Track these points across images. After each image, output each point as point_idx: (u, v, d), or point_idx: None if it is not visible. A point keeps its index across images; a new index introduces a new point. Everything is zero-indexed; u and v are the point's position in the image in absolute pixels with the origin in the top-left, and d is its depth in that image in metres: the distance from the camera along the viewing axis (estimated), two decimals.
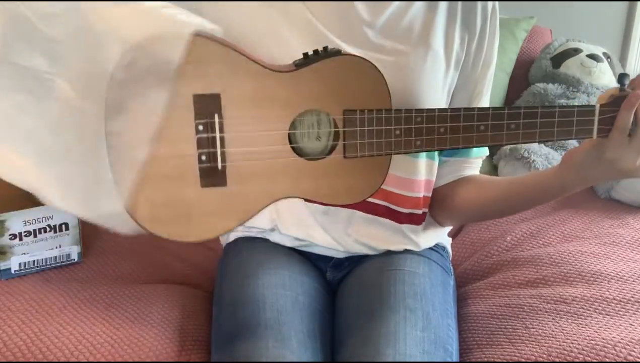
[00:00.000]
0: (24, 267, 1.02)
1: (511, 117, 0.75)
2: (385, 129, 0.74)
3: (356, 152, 0.74)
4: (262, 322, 0.81)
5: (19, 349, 0.81)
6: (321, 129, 0.75)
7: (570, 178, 0.81)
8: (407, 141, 0.74)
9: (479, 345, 0.91)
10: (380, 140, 0.74)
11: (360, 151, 0.74)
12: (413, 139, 0.74)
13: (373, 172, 0.76)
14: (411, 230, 0.95)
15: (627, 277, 0.99)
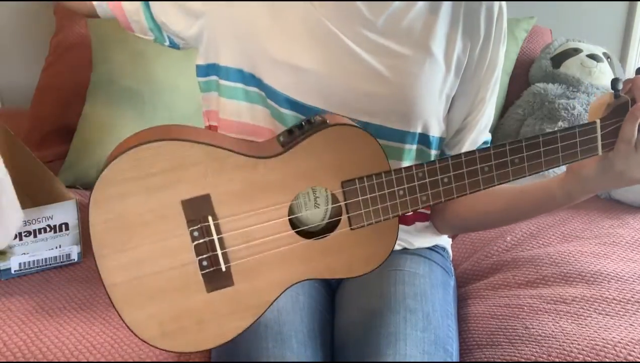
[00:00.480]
0: (24, 267, 1.02)
1: (514, 152, 0.73)
2: (388, 192, 0.71)
3: (362, 221, 0.72)
4: (262, 321, 0.81)
5: (19, 349, 0.81)
6: (321, 206, 0.74)
7: (577, 188, 0.80)
8: (412, 199, 0.72)
9: (479, 345, 0.91)
10: (386, 204, 0.72)
11: (366, 220, 0.72)
12: (418, 196, 0.72)
13: (384, 235, 0.74)
14: (403, 230, 0.95)
15: (627, 277, 0.99)
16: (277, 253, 0.71)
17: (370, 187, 0.71)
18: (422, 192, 0.72)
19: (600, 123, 0.74)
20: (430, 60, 0.85)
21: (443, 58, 0.86)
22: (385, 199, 0.72)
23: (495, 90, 0.91)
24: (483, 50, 0.87)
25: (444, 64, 0.86)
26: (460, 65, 0.87)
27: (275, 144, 0.72)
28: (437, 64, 0.86)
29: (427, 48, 0.85)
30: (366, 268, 0.74)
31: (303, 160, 0.70)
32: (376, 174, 0.71)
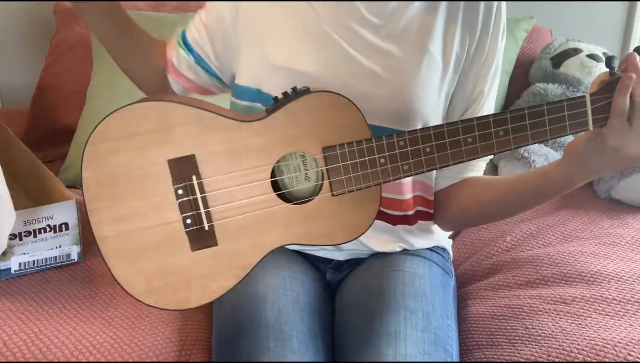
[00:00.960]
0: (24, 267, 1.02)
1: (498, 124, 0.72)
2: (369, 160, 0.72)
3: (343, 187, 0.73)
4: (263, 321, 0.81)
5: (19, 349, 0.81)
6: (307, 170, 0.74)
7: (575, 170, 0.78)
8: (393, 168, 0.72)
9: (479, 345, 0.91)
10: (367, 172, 0.72)
11: (347, 186, 0.72)
12: (400, 164, 0.72)
13: (365, 204, 0.74)
14: (405, 230, 0.95)
15: (627, 277, 0.99)
16: (259, 216, 0.72)
17: (350, 153, 0.72)
18: (404, 160, 0.72)
19: (591, 97, 0.72)
20: (428, 60, 0.85)
21: (441, 56, 0.86)
22: (366, 166, 0.72)
23: (494, 84, 0.91)
24: (480, 43, 0.87)
25: (441, 62, 0.86)
26: (459, 62, 0.87)
27: (262, 112, 0.75)
28: (435, 62, 0.86)
29: (424, 47, 0.85)
30: (346, 237, 0.73)
31: (285, 124, 0.72)
32: (357, 141, 0.71)
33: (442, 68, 0.87)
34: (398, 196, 0.91)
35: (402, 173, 0.72)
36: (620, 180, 1.35)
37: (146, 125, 0.69)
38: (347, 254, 0.95)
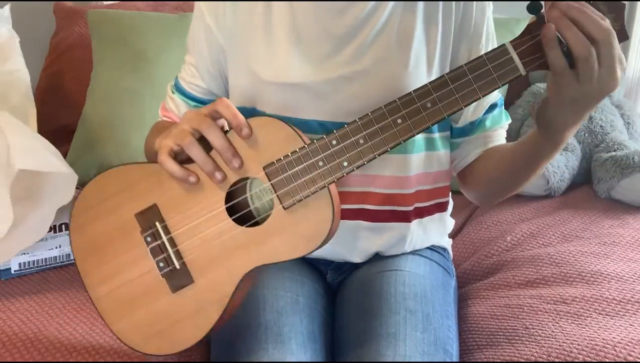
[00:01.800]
0: (24, 267, 1.02)
1: (422, 97, 0.71)
2: (307, 165, 0.72)
3: (292, 198, 0.73)
4: (262, 323, 0.81)
5: (19, 349, 0.81)
6: (257, 190, 0.76)
7: (553, 133, 0.76)
8: (333, 166, 0.72)
9: (479, 345, 0.91)
10: (309, 177, 0.72)
11: (294, 195, 0.73)
12: (338, 162, 0.72)
13: (319, 210, 0.73)
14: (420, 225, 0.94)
15: (627, 277, 0.99)
16: (223, 243, 0.75)
17: (289, 163, 0.73)
18: (341, 157, 0.72)
19: (511, 43, 0.70)
20: (416, 48, 0.84)
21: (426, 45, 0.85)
22: (307, 172, 0.73)
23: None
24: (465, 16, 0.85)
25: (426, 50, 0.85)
26: (447, 43, 0.86)
27: None
28: (422, 50, 0.85)
29: (410, 38, 0.84)
30: (309, 247, 0.73)
31: None
32: (292, 151, 0.73)
33: (429, 53, 0.85)
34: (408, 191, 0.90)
35: (343, 169, 0.72)
36: (621, 180, 1.35)
37: (112, 189, 0.77)
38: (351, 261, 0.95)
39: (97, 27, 1.57)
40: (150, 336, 0.76)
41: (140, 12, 1.62)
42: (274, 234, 0.74)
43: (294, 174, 0.73)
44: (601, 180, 1.39)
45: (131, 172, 0.77)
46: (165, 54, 1.51)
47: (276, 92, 0.86)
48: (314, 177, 0.72)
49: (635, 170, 1.33)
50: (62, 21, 1.72)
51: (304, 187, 0.73)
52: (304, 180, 0.72)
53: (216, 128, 0.72)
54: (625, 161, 1.36)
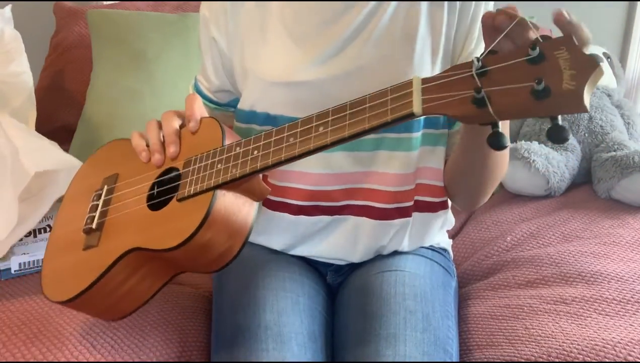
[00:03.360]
0: (24, 267, 1.02)
1: (319, 118, 0.67)
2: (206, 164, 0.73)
3: (184, 189, 0.74)
4: (262, 323, 0.81)
5: (19, 349, 0.81)
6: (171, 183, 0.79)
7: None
8: (225, 170, 0.71)
9: (479, 346, 0.91)
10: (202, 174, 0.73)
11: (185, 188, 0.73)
12: (230, 166, 0.71)
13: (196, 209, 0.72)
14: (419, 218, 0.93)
15: (627, 277, 0.99)
16: (128, 218, 0.78)
17: (198, 160, 0.75)
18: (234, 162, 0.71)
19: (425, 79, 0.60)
20: (420, 45, 0.84)
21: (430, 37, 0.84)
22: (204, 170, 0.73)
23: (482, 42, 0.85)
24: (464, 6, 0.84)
25: (431, 43, 0.85)
26: (450, 35, 0.85)
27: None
28: (426, 46, 0.84)
29: (414, 34, 0.83)
30: (172, 242, 0.70)
31: None
32: (208, 151, 0.74)
33: (433, 45, 0.85)
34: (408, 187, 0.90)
35: (229, 175, 0.71)
36: (621, 180, 1.35)
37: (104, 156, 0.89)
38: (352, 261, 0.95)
39: (97, 27, 1.57)
40: (53, 282, 0.79)
41: (140, 12, 1.62)
42: (159, 222, 0.74)
43: (195, 170, 0.74)
44: (601, 180, 1.39)
45: (122, 145, 0.87)
46: (165, 54, 1.51)
47: (282, 93, 0.86)
48: (206, 175, 0.72)
49: (635, 170, 1.33)
50: (62, 21, 1.72)
51: (195, 183, 0.73)
52: (198, 176, 0.73)
53: (171, 119, 0.80)
54: (625, 161, 1.36)
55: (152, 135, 0.81)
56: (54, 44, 1.71)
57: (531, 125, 1.57)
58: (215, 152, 0.73)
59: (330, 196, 0.89)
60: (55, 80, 1.67)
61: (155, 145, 0.80)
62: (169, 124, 0.80)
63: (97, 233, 0.79)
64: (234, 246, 0.72)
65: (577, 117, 1.51)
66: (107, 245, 0.77)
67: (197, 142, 0.78)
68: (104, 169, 0.86)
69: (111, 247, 0.76)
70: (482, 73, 0.55)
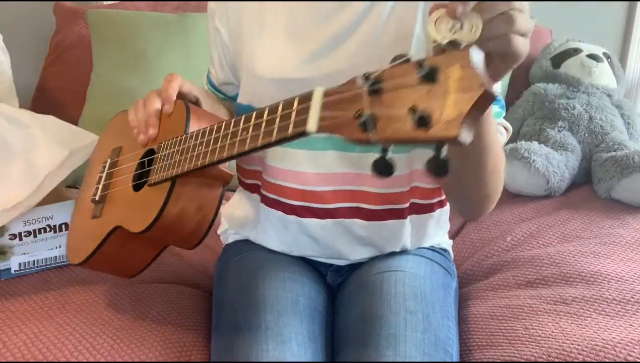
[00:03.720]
0: (24, 267, 1.02)
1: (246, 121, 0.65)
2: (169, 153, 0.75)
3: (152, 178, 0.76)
4: (262, 323, 0.81)
5: (19, 349, 0.81)
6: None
7: None
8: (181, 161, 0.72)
9: (479, 346, 0.91)
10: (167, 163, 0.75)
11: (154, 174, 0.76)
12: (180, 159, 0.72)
13: (157, 198, 0.74)
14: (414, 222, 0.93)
15: (627, 277, 0.99)
16: (121, 194, 0.83)
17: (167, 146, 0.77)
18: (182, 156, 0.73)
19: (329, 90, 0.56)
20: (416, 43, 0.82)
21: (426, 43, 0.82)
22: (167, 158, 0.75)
23: None
24: None
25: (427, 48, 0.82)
26: None
27: None
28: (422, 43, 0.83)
29: (410, 31, 0.82)
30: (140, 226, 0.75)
31: None
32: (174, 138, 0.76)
33: (429, 50, 0.83)
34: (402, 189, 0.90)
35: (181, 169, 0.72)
36: (621, 180, 1.35)
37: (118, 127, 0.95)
38: (350, 261, 0.95)
39: (97, 27, 1.58)
40: (70, 246, 0.91)
41: (140, 12, 1.63)
42: (135, 204, 0.79)
43: (162, 157, 0.76)
44: (601, 180, 1.39)
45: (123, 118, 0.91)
46: (165, 53, 1.51)
47: (274, 89, 0.86)
48: (167, 164, 0.75)
49: (635, 170, 1.33)
50: (62, 21, 1.72)
51: (159, 171, 0.76)
52: (163, 164, 0.75)
53: (152, 100, 0.82)
54: (625, 161, 1.36)
55: (138, 115, 0.83)
56: (54, 44, 1.71)
57: (531, 125, 1.57)
58: (177, 141, 0.75)
59: (321, 198, 0.89)
60: (55, 80, 1.67)
61: (140, 125, 0.83)
62: (150, 104, 0.82)
63: (100, 205, 0.86)
64: (202, 225, 0.77)
65: (577, 117, 1.51)
66: (105, 217, 0.84)
67: (170, 125, 0.80)
68: (114, 140, 0.92)
69: (107, 221, 0.83)
70: (376, 91, 0.50)
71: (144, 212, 0.75)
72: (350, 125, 0.50)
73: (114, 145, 0.91)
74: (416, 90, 0.47)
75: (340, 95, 0.53)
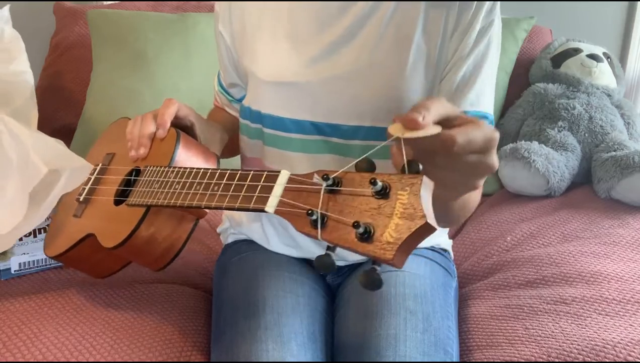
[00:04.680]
0: (24, 267, 1.02)
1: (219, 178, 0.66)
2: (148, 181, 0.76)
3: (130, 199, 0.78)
4: (262, 324, 0.81)
5: (19, 349, 0.81)
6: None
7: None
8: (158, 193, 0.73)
9: (479, 346, 0.91)
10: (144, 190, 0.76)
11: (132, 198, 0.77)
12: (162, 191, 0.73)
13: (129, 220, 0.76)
14: None
15: (627, 277, 0.99)
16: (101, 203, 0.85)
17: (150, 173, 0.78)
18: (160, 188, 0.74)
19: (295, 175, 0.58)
20: (415, 50, 0.82)
21: (426, 43, 0.82)
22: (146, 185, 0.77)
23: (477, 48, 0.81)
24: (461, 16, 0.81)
25: (426, 48, 0.82)
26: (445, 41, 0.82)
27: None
28: (421, 51, 0.82)
29: (410, 39, 0.82)
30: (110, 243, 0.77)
31: None
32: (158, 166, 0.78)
33: (428, 54, 0.82)
34: None
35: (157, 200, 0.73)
36: (621, 180, 1.35)
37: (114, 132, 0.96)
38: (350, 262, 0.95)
39: (97, 27, 1.58)
40: (48, 237, 0.94)
41: (140, 12, 1.63)
42: (111, 219, 0.81)
43: (144, 182, 0.78)
44: (601, 180, 1.39)
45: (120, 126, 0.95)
46: (165, 53, 1.51)
47: (273, 92, 0.87)
48: (146, 192, 0.76)
49: (635, 170, 1.33)
50: (62, 21, 1.72)
51: (138, 196, 0.77)
52: (142, 190, 0.77)
53: (147, 122, 0.84)
54: (625, 161, 1.36)
55: (134, 131, 0.85)
56: (54, 44, 1.71)
57: (531, 125, 1.57)
58: (160, 171, 0.76)
59: None
60: (55, 80, 1.67)
61: (134, 142, 0.84)
62: (145, 126, 0.84)
63: (83, 206, 0.88)
64: (169, 252, 0.79)
65: (578, 117, 1.51)
66: (84, 219, 0.86)
67: (160, 150, 0.82)
68: (110, 144, 0.94)
69: (84, 224, 0.85)
70: (334, 191, 0.53)
71: (116, 230, 0.77)
72: (302, 219, 0.53)
73: (108, 150, 0.93)
74: (369, 201, 0.50)
75: (302, 185, 0.56)
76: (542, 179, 1.40)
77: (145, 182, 0.78)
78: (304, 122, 0.85)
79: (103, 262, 0.87)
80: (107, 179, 0.88)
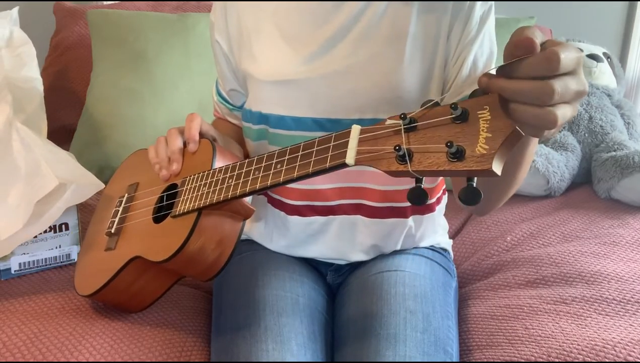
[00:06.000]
0: (24, 267, 1.02)
1: (279, 156, 0.69)
2: (194, 186, 0.78)
3: (177, 208, 0.78)
4: (262, 324, 0.81)
5: (19, 349, 0.81)
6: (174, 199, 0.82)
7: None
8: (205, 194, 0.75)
9: (479, 346, 0.91)
10: (190, 196, 0.77)
11: (177, 207, 0.78)
12: (210, 191, 0.75)
13: (182, 228, 0.76)
14: (416, 221, 0.94)
15: (627, 277, 0.99)
16: (137, 227, 0.85)
17: (190, 181, 0.80)
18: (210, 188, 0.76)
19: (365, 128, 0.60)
20: (411, 42, 0.82)
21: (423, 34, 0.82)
22: (191, 192, 0.78)
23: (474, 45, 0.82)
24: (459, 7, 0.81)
25: (424, 40, 0.82)
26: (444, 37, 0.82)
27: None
28: (419, 43, 0.82)
29: (405, 31, 0.82)
30: (163, 255, 0.76)
31: None
32: (199, 173, 0.79)
33: (425, 47, 0.82)
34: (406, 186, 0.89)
35: (209, 200, 0.74)
36: (621, 180, 1.35)
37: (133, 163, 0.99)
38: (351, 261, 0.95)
39: (97, 27, 1.57)
40: (80, 276, 0.91)
41: (140, 12, 1.62)
42: (157, 235, 0.80)
43: (187, 190, 0.79)
44: (601, 180, 1.40)
45: (140, 155, 0.97)
46: (165, 53, 1.51)
47: (273, 91, 0.87)
48: (193, 197, 0.77)
49: (635, 170, 1.33)
50: (62, 21, 1.72)
51: (184, 204, 0.78)
52: (188, 197, 0.78)
53: (175, 138, 0.85)
54: (625, 161, 1.36)
55: (160, 152, 0.86)
56: (54, 44, 1.71)
57: None
58: (203, 175, 0.78)
59: (323, 195, 0.89)
60: (55, 80, 1.67)
61: (163, 162, 0.86)
62: (173, 142, 0.85)
63: (115, 237, 0.88)
64: (220, 258, 0.78)
65: (577, 117, 1.51)
66: (121, 249, 0.85)
67: (194, 162, 0.83)
68: (130, 176, 0.96)
69: (123, 252, 0.84)
70: (411, 128, 0.56)
71: (166, 242, 0.76)
72: (388, 159, 0.56)
73: (130, 182, 0.94)
74: (449, 128, 0.53)
75: (377, 132, 0.59)
76: (542, 179, 1.40)
77: (189, 189, 0.79)
78: (305, 119, 0.86)
79: (147, 287, 0.85)
80: (138, 204, 0.89)
